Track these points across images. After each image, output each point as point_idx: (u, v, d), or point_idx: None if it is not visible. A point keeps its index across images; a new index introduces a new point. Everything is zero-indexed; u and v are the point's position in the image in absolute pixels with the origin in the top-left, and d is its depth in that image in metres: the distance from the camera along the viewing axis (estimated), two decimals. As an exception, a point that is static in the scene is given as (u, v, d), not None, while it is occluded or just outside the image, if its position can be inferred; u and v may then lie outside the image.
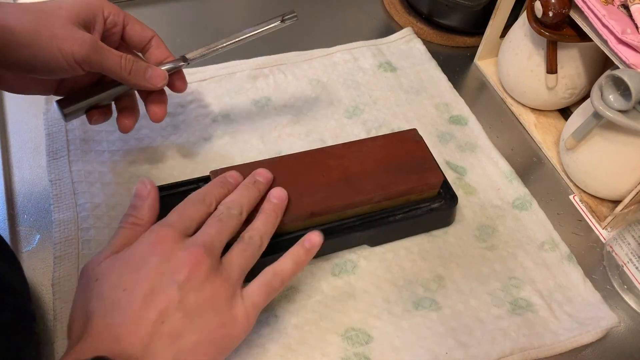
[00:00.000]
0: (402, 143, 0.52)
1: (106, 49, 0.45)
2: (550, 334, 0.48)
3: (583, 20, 0.54)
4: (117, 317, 0.36)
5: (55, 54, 0.42)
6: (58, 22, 0.43)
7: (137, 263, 0.38)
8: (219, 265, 0.40)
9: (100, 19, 0.46)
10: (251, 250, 0.42)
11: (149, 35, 0.49)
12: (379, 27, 0.73)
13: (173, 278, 0.37)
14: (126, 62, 0.46)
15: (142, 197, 0.42)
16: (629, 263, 0.52)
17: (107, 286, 0.37)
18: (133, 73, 0.46)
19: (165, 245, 0.39)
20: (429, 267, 0.51)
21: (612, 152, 0.53)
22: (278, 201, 0.45)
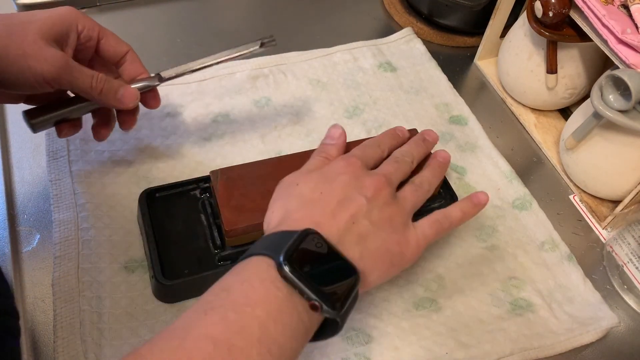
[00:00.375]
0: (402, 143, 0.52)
1: (77, 68, 0.44)
2: (550, 334, 0.48)
3: (583, 20, 0.54)
4: (317, 210, 0.40)
5: (25, 71, 0.42)
6: (28, 37, 0.42)
7: (332, 177, 0.43)
8: (395, 196, 0.44)
9: (74, 34, 0.46)
10: (421, 192, 0.46)
11: (124, 50, 0.49)
12: (379, 27, 0.73)
13: (362, 192, 0.42)
14: (97, 83, 0.45)
15: (333, 137, 0.48)
16: (629, 263, 0.52)
17: (307, 189, 0.42)
18: (104, 93, 0.46)
19: (355, 168, 0.44)
20: (429, 267, 0.51)
21: (612, 152, 0.53)
22: (443, 160, 0.50)
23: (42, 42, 0.43)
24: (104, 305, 0.45)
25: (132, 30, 0.67)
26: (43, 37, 0.43)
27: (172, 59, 0.64)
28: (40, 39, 0.42)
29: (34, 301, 0.46)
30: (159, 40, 0.67)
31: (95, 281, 0.46)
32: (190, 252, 0.47)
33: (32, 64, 0.42)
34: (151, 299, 0.46)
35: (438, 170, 0.49)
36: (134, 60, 0.49)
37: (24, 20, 0.43)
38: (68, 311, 0.45)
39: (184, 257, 0.47)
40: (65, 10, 0.45)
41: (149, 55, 0.64)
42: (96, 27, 0.47)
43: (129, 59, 0.49)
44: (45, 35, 0.43)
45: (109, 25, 0.49)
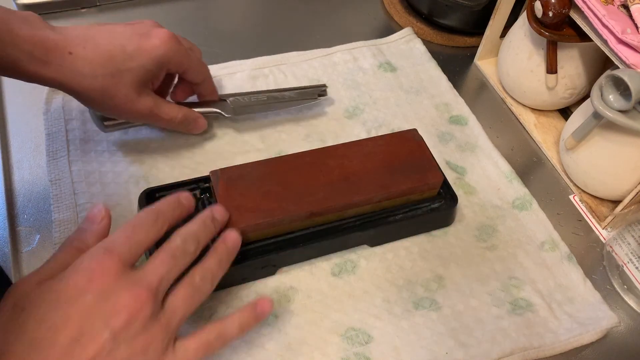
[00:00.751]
0: (402, 143, 0.52)
1: (162, 113, 0.50)
2: (550, 334, 0.48)
3: (583, 20, 0.54)
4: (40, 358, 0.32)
5: (116, 116, 0.50)
6: (123, 90, 0.46)
7: (70, 297, 0.34)
8: (160, 309, 0.36)
9: (163, 73, 0.50)
10: (199, 296, 0.38)
11: (201, 79, 0.53)
12: (379, 27, 0.73)
13: (108, 323, 0.33)
14: (175, 122, 0.52)
15: (93, 221, 0.39)
16: (629, 263, 0.52)
17: (33, 320, 0.33)
18: (179, 126, 0.53)
19: (106, 279, 0.34)
20: (429, 267, 0.51)
21: (612, 152, 0.53)
22: (232, 245, 0.42)
23: (134, 94, 0.47)
24: (103, 305, 0.45)
25: (132, 30, 0.67)
26: (136, 88, 0.47)
27: (172, 59, 0.64)
28: (133, 91, 0.47)
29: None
30: (159, 40, 0.67)
31: (95, 281, 0.46)
32: (190, 252, 0.47)
33: (122, 115, 0.49)
34: (151, 299, 0.46)
35: (225, 260, 0.41)
36: (207, 85, 0.55)
37: (122, 69, 0.46)
38: (68, 311, 0.44)
39: (184, 257, 0.47)
40: (162, 51, 0.48)
41: (149, 55, 0.65)
42: (183, 64, 0.50)
43: (203, 85, 0.54)
44: (138, 84, 0.47)
45: (109, 25, 0.49)
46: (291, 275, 0.49)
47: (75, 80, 0.44)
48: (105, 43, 0.46)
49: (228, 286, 0.48)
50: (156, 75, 0.49)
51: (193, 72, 0.52)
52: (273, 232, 0.47)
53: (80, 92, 0.46)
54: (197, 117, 0.54)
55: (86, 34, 0.45)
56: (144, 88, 0.48)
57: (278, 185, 0.47)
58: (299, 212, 0.47)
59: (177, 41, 0.49)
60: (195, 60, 0.52)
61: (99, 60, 0.45)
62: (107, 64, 0.45)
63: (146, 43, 0.47)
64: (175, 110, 0.51)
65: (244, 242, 0.47)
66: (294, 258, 0.49)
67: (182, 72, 0.51)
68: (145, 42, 0.47)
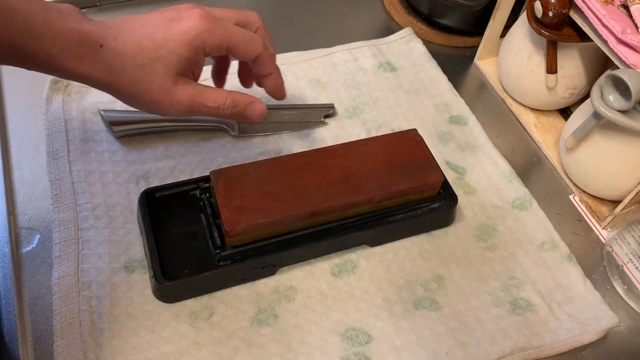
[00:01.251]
0: (402, 143, 0.52)
1: (207, 100, 0.45)
2: (550, 334, 0.48)
3: (583, 20, 0.53)
4: None
5: (156, 112, 0.45)
6: (157, 81, 0.43)
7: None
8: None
9: (202, 59, 0.45)
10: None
11: (253, 55, 0.47)
12: (379, 27, 0.73)
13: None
14: (224, 109, 0.46)
15: None
16: (629, 263, 0.52)
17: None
18: (232, 115, 0.47)
19: None
20: (429, 267, 0.51)
21: (612, 152, 0.53)
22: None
23: (170, 84, 0.43)
24: (103, 305, 0.45)
25: (132, 30, 0.67)
26: (171, 77, 0.43)
27: (172, 59, 0.64)
28: (168, 81, 0.43)
29: (34, 301, 0.46)
30: (159, 40, 0.67)
31: (95, 281, 0.46)
32: (190, 252, 0.47)
33: (161, 109, 0.44)
34: (151, 299, 0.47)
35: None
36: (264, 62, 0.48)
37: (153, 58, 0.42)
38: (68, 311, 0.45)
39: (184, 257, 0.47)
40: (194, 33, 0.43)
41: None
42: (224, 44, 0.45)
43: (259, 62, 0.47)
44: (173, 74, 0.43)
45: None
46: (291, 275, 0.49)
47: (106, 74, 0.42)
48: (136, 33, 0.43)
49: (228, 286, 0.48)
50: (195, 62, 0.44)
51: (241, 50, 0.46)
52: (273, 232, 0.47)
53: (114, 88, 0.43)
54: (252, 101, 0.47)
55: (119, 25, 0.43)
56: (181, 77, 0.44)
57: (278, 185, 0.47)
58: (299, 212, 0.47)
59: (212, 19, 0.44)
60: (242, 36, 0.45)
61: (128, 51, 0.42)
62: (136, 56, 0.42)
63: (175, 28, 0.43)
64: (223, 95, 0.46)
65: (244, 242, 0.47)
66: (294, 258, 0.49)
67: (228, 52, 0.46)
68: (174, 27, 0.43)
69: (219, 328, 0.46)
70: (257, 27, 0.48)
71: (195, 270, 0.46)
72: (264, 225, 0.46)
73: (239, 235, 0.46)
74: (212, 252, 0.47)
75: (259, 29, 0.48)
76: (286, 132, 0.59)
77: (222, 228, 0.46)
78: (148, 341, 0.44)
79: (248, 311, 0.47)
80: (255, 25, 0.48)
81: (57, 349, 0.43)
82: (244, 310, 0.47)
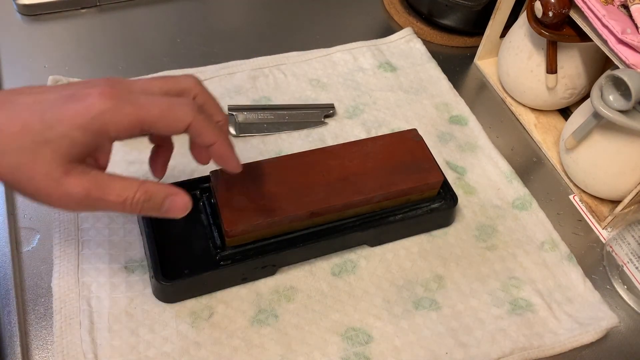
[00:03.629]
0: (402, 143, 0.52)
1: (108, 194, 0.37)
2: (550, 334, 0.48)
3: (583, 20, 0.54)
4: None
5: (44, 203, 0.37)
6: (42, 169, 0.35)
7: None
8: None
9: (107, 144, 0.38)
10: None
11: (182, 127, 0.38)
12: (379, 27, 0.73)
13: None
14: (133, 205, 0.38)
15: None
16: (629, 263, 0.52)
17: None
18: (144, 210, 0.38)
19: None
20: (429, 267, 0.51)
21: (612, 152, 0.53)
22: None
23: (59, 173, 0.35)
24: (103, 305, 0.45)
25: (132, 30, 0.67)
26: (60, 165, 0.35)
27: (172, 59, 0.64)
28: (57, 169, 0.35)
29: (34, 301, 0.46)
30: (159, 40, 0.67)
31: (95, 281, 0.46)
32: (190, 252, 0.47)
33: (49, 201, 0.36)
34: (151, 299, 0.47)
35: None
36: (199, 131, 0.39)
37: (38, 141, 0.35)
38: (68, 311, 0.45)
39: (184, 257, 0.47)
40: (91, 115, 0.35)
41: (149, 55, 0.65)
42: (136, 122, 0.36)
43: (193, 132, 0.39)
44: (64, 161, 0.35)
45: (109, 25, 0.48)
46: (291, 275, 0.49)
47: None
48: (22, 109, 0.35)
49: (228, 286, 0.48)
50: (96, 147, 0.37)
51: (162, 124, 0.37)
52: (273, 232, 0.47)
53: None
54: (171, 193, 0.39)
55: (4, 99, 0.36)
56: (73, 165, 0.36)
57: (278, 185, 0.47)
58: (299, 212, 0.47)
59: (116, 96, 0.36)
60: (158, 108, 0.37)
61: (10, 131, 0.34)
62: (19, 136, 0.34)
63: (69, 108, 0.35)
64: (132, 187, 0.37)
65: (244, 242, 0.47)
66: (294, 258, 0.49)
67: (148, 131, 0.38)
68: (68, 106, 0.35)
69: (219, 328, 0.46)
70: (195, 93, 0.40)
71: (195, 270, 0.46)
72: (264, 225, 0.46)
73: (239, 235, 0.46)
74: (212, 252, 0.47)
75: (197, 96, 0.40)
76: (286, 132, 0.59)
77: (222, 228, 0.46)
78: (148, 341, 0.44)
79: (248, 311, 0.47)
80: (191, 93, 0.40)
81: (57, 349, 0.43)
82: (244, 310, 0.47)
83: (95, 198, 0.36)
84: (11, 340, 0.44)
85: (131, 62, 0.63)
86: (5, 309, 0.45)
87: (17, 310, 0.45)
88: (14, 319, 0.45)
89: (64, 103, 0.35)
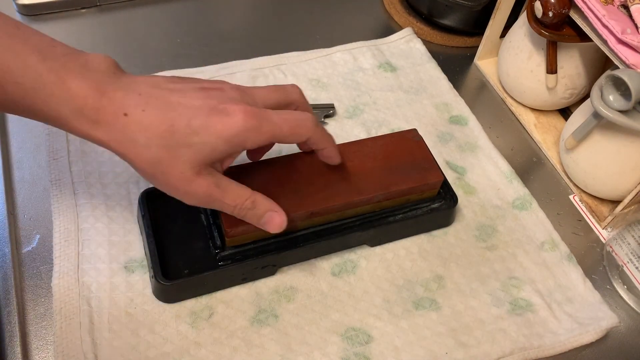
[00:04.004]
0: (402, 143, 0.52)
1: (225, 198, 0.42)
2: (550, 334, 0.48)
3: (583, 20, 0.54)
4: None
5: (166, 192, 0.42)
6: (179, 167, 0.39)
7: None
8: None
9: (238, 153, 0.42)
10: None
11: (303, 140, 0.44)
12: (379, 27, 0.73)
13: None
14: (240, 210, 0.43)
15: None
16: (629, 263, 0.52)
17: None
18: (245, 217, 0.43)
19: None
20: (429, 267, 0.51)
21: (612, 152, 0.53)
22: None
23: (192, 173, 0.40)
24: (103, 305, 0.45)
25: (132, 30, 0.67)
26: (195, 167, 0.39)
27: (172, 59, 0.64)
28: (191, 169, 0.39)
29: (34, 301, 0.46)
30: (159, 40, 0.67)
31: (95, 281, 0.46)
32: (190, 252, 0.47)
33: (174, 193, 0.41)
34: (151, 299, 0.47)
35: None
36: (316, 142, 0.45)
37: (181, 143, 0.39)
38: (68, 311, 0.45)
39: (184, 257, 0.47)
40: (235, 131, 0.39)
41: (149, 55, 0.65)
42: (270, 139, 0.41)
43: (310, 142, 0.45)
44: (198, 164, 0.40)
45: (109, 25, 0.49)
46: (291, 275, 0.49)
47: (125, 145, 0.38)
48: (170, 110, 0.39)
49: (228, 286, 0.48)
50: (229, 156, 0.42)
51: (289, 139, 0.43)
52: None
53: (130, 160, 0.39)
54: (272, 209, 0.44)
55: (151, 93, 0.39)
56: (205, 168, 0.40)
57: (278, 185, 0.47)
58: (299, 212, 0.47)
59: (257, 116, 0.40)
60: (288, 127, 0.42)
61: (157, 129, 0.38)
62: (166, 135, 0.38)
63: (216, 120, 0.39)
64: (244, 195, 0.42)
65: (244, 242, 0.47)
66: (294, 258, 0.49)
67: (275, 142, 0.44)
68: (215, 118, 0.39)
69: (219, 328, 0.46)
70: (299, 104, 0.46)
71: (195, 270, 0.46)
72: (264, 225, 0.46)
73: (239, 235, 0.46)
74: (212, 252, 0.47)
75: (299, 106, 0.46)
76: None
77: (222, 228, 0.46)
78: (148, 341, 0.44)
79: (248, 311, 0.47)
80: (297, 104, 0.45)
81: (57, 349, 0.43)
82: (244, 310, 0.47)
83: (215, 199, 0.41)
84: (11, 340, 0.44)
85: (131, 62, 0.63)
86: (5, 309, 0.45)
87: (17, 310, 0.45)
88: (14, 319, 0.45)
89: (210, 114, 0.39)
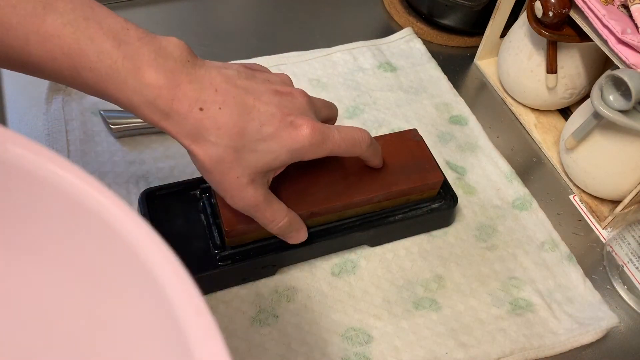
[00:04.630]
0: (402, 143, 0.52)
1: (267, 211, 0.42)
2: (550, 334, 0.48)
3: (583, 20, 0.54)
4: None
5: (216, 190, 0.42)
6: (237, 170, 0.39)
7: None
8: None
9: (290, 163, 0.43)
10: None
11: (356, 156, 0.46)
12: (379, 27, 0.73)
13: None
14: (275, 225, 0.44)
15: None
16: (629, 263, 0.52)
17: None
18: (276, 232, 0.45)
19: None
20: (429, 267, 0.51)
21: (612, 152, 0.53)
22: None
23: (246, 180, 0.40)
24: (104, 305, 0.45)
25: (132, 30, 0.67)
26: (251, 174, 0.40)
27: (172, 59, 0.64)
28: (247, 176, 0.40)
29: None
30: (159, 40, 0.67)
31: (95, 281, 0.46)
32: (190, 252, 0.47)
33: (223, 194, 0.41)
34: (151, 299, 0.46)
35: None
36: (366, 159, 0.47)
37: (250, 146, 0.39)
38: (68, 311, 0.45)
39: (184, 257, 0.47)
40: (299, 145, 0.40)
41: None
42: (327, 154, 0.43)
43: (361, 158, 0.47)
44: (256, 171, 0.40)
45: (109, 25, 0.49)
46: (291, 275, 0.49)
47: (194, 139, 0.38)
48: (245, 112, 0.38)
49: (228, 286, 0.48)
50: (284, 166, 0.42)
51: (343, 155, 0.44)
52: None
53: (192, 153, 0.39)
54: (301, 228, 0.46)
55: (227, 90, 0.38)
56: (259, 176, 0.40)
57: (278, 185, 0.47)
58: (299, 212, 0.47)
59: (321, 133, 0.41)
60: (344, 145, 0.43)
61: (230, 130, 0.38)
62: (235, 137, 0.38)
63: (286, 131, 0.39)
64: (282, 213, 0.43)
65: (244, 242, 0.47)
66: (294, 258, 0.49)
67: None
68: (285, 130, 0.39)
69: (219, 328, 0.46)
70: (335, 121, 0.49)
71: (195, 270, 0.46)
72: (264, 225, 0.46)
73: (239, 235, 0.46)
74: (212, 252, 0.47)
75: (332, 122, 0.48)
76: None
77: (222, 228, 0.46)
78: (148, 341, 0.44)
79: (248, 311, 0.47)
80: (335, 120, 0.49)
81: (57, 349, 0.43)
82: (244, 310, 0.47)
83: (258, 209, 0.42)
84: (11, 340, 0.44)
85: (131, 62, 0.63)
86: (5, 309, 0.45)
87: (17, 310, 0.45)
88: (14, 319, 0.45)
89: (281, 124, 0.40)
